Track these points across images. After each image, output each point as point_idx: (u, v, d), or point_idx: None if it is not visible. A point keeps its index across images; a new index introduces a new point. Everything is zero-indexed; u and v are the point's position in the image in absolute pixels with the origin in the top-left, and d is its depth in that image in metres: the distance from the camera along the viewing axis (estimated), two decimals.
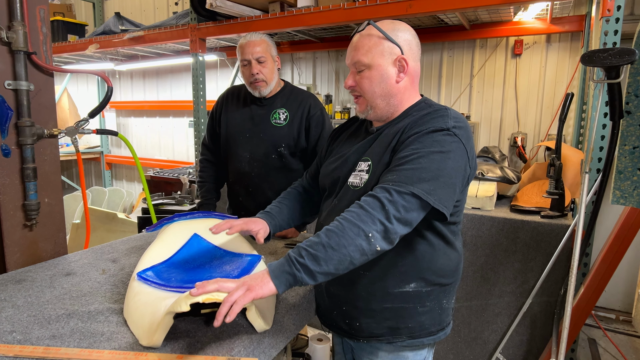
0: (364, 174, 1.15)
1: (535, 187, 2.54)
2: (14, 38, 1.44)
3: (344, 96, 4.25)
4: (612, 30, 1.83)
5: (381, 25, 1.16)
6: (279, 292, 0.95)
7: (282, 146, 1.95)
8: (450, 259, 1.20)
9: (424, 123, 1.10)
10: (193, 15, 3.34)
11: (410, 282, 1.16)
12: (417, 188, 1.00)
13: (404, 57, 1.14)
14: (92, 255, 1.55)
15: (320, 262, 0.95)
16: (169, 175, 4.14)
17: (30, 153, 1.51)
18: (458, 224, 1.22)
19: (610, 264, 1.91)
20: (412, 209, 1.01)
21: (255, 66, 1.88)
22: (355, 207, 1.01)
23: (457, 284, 1.26)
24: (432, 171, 1.02)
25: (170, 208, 3.17)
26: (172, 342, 0.97)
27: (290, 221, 1.42)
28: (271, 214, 1.38)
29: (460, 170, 1.07)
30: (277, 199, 1.47)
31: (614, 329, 3.07)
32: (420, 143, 1.06)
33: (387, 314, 1.17)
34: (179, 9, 4.88)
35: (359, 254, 0.97)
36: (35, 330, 1.01)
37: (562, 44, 3.29)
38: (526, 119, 3.48)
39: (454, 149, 1.06)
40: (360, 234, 0.96)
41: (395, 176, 1.03)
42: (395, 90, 1.17)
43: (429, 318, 1.19)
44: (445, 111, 1.12)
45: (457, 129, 1.08)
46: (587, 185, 1.81)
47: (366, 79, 1.16)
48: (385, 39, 1.14)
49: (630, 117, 1.74)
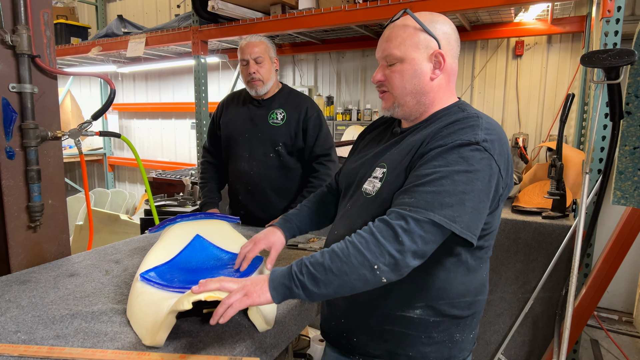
0: (377, 182, 1.04)
1: (537, 187, 2.54)
2: (18, 41, 1.46)
3: (346, 97, 4.26)
4: (612, 31, 1.84)
5: (419, 15, 1.04)
6: (275, 302, 0.92)
7: (280, 145, 2.00)
8: (468, 288, 1.04)
9: (450, 134, 0.96)
10: (195, 18, 3.36)
11: (416, 307, 1.03)
12: (439, 215, 0.88)
13: (441, 52, 1.02)
14: (95, 256, 1.56)
15: (319, 285, 0.89)
16: (172, 177, 4.15)
17: (34, 155, 1.53)
18: (487, 249, 1.07)
19: (611, 264, 1.90)
20: (431, 240, 0.89)
21: (253, 66, 1.94)
22: (366, 231, 0.91)
23: (476, 316, 1.10)
24: (456, 195, 0.89)
25: (172, 209, 3.18)
26: (175, 342, 0.97)
27: (312, 224, 1.34)
28: (287, 218, 1.32)
29: (490, 192, 0.94)
30: (303, 202, 1.40)
31: (617, 329, 3.06)
32: (443, 159, 0.93)
33: (387, 335, 1.06)
34: (181, 12, 4.90)
35: (361, 283, 0.89)
36: (39, 330, 1.02)
37: (563, 44, 3.29)
38: (527, 119, 3.48)
39: (483, 167, 0.92)
40: (365, 264, 0.88)
41: (413, 199, 0.91)
42: (428, 88, 1.05)
43: (434, 350, 1.05)
44: (476, 120, 0.98)
45: (488, 143, 0.94)
46: (587, 185, 1.81)
47: (397, 74, 1.04)
48: (422, 31, 1.02)
49: (630, 117, 1.74)
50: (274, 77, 2.03)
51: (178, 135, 5.41)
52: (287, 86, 2.12)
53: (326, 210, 1.36)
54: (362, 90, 4.16)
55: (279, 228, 1.29)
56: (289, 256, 1.57)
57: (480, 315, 1.12)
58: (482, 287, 1.09)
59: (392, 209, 0.93)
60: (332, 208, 1.36)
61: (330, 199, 1.37)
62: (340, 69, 4.26)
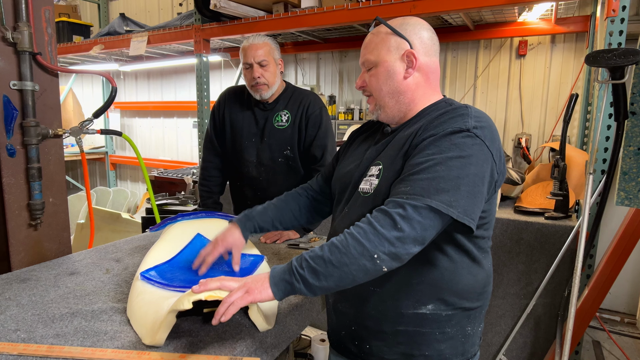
0: (374, 179, 1.05)
1: (540, 188, 2.53)
2: (20, 39, 1.45)
3: (348, 97, 4.25)
4: (617, 31, 1.82)
5: (390, 21, 1.10)
6: (276, 299, 0.93)
7: (288, 149, 1.94)
8: (476, 279, 1.06)
9: (441, 124, 0.99)
10: (197, 16, 3.35)
11: (427, 303, 1.03)
12: (436, 200, 0.89)
13: (412, 52, 1.05)
14: (96, 254, 1.56)
15: (320, 277, 0.90)
16: (173, 176, 4.15)
17: (35, 153, 1.52)
18: (487, 239, 1.09)
19: (614, 265, 1.90)
20: (430, 226, 0.90)
21: (257, 70, 1.85)
22: (364, 222, 0.93)
23: (484, 308, 1.12)
24: (451, 180, 0.91)
25: (173, 208, 3.18)
26: (175, 341, 0.97)
27: (276, 223, 1.34)
28: (250, 215, 1.32)
29: (484, 177, 0.95)
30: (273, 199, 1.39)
31: (619, 331, 3.04)
32: (436, 147, 0.95)
33: (400, 337, 1.05)
34: (183, 10, 4.90)
35: (362, 273, 0.90)
36: (39, 328, 1.02)
37: (566, 44, 3.28)
38: (530, 119, 3.47)
39: (475, 152, 0.94)
40: (364, 254, 0.88)
41: (409, 187, 0.93)
42: (403, 87, 1.08)
43: (449, 347, 1.06)
44: (465, 109, 1.01)
45: (478, 130, 0.96)
46: (591, 186, 1.80)
47: (374, 77, 1.09)
48: (393, 34, 1.07)
49: (635, 117, 1.73)
50: (279, 80, 1.94)
51: (180, 134, 5.41)
52: (290, 85, 2.04)
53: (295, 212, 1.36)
54: None
55: (238, 227, 1.29)
56: (290, 255, 1.57)
57: (486, 308, 1.14)
58: (488, 278, 1.11)
59: (390, 198, 0.95)
60: (303, 210, 1.37)
61: (301, 200, 1.38)
62: (343, 68, 4.25)
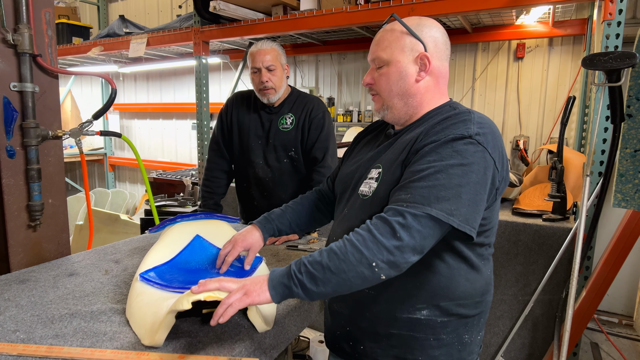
0: (373, 182, 1.05)
1: (537, 190, 2.54)
2: (20, 40, 1.46)
3: (347, 99, 4.26)
4: (613, 34, 1.84)
5: (406, 20, 1.07)
6: (274, 302, 0.93)
7: (293, 150, 2.01)
8: (473, 286, 1.04)
9: (443, 130, 0.97)
10: (196, 19, 3.36)
11: (421, 308, 1.02)
12: (436, 209, 0.88)
13: (426, 55, 1.03)
14: (95, 256, 1.56)
15: (318, 283, 0.90)
16: (172, 177, 4.16)
17: (34, 154, 1.53)
18: (488, 246, 1.06)
19: (612, 267, 1.90)
20: (429, 235, 0.89)
21: (265, 74, 1.92)
22: (363, 229, 0.92)
23: (483, 316, 1.10)
24: (452, 188, 0.90)
25: (172, 209, 3.19)
26: (174, 342, 0.97)
27: (294, 226, 1.34)
28: (269, 218, 1.32)
29: (486, 184, 0.94)
30: (289, 202, 1.40)
31: (617, 332, 3.05)
32: (437, 154, 0.94)
33: (394, 341, 1.05)
34: (183, 12, 4.90)
35: (359, 280, 0.89)
36: (38, 329, 1.02)
37: (564, 47, 3.29)
38: (528, 122, 3.48)
39: (477, 160, 0.93)
40: (362, 262, 0.88)
41: (410, 195, 0.91)
42: (414, 90, 1.06)
43: (444, 354, 1.04)
44: (468, 115, 1.00)
45: (481, 136, 0.95)
46: (588, 188, 1.81)
47: (384, 76, 1.07)
48: (408, 34, 1.04)
49: (631, 120, 1.74)
50: (285, 84, 2.02)
51: (179, 135, 5.41)
52: (295, 89, 2.11)
53: (311, 215, 1.36)
54: (363, 91, 4.16)
55: (258, 228, 1.29)
56: (289, 257, 1.57)
57: (486, 316, 1.11)
58: (487, 285, 1.09)
59: (389, 206, 0.94)
60: (318, 213, 1.37)
61: (318, 204, 1.38)
62: (342, 71, 4.26)
